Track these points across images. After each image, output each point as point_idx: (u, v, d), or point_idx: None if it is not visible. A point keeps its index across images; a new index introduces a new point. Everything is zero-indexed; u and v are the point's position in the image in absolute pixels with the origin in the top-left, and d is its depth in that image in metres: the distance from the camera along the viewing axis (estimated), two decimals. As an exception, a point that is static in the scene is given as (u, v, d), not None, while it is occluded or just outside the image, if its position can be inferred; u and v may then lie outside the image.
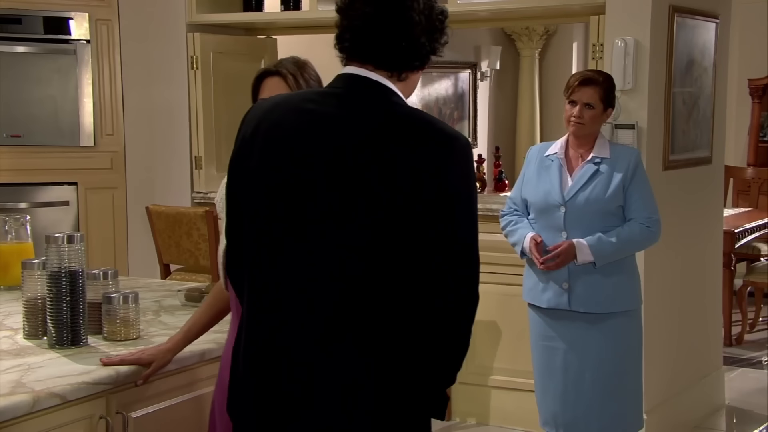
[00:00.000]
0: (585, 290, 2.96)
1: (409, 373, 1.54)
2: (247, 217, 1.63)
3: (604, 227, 2.94)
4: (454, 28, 6.66)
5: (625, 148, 3.15)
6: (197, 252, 4.09)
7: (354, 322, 1.52)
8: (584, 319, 2.97)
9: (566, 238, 2.95)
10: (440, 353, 1.57)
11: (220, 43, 4.69)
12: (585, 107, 2.99)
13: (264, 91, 2.04)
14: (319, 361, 1.52)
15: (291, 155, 1.58)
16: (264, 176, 1.61)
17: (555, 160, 3.05)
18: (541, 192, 3.04)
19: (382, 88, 1.61)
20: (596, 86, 3.00)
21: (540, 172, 3.07)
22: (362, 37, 1.61)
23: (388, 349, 1.52)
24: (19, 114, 4.55)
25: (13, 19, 4.49)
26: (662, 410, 3.86)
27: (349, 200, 1.53)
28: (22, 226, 2.68)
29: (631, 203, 2.97)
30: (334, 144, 1.55)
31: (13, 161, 4.53)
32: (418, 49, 1.63)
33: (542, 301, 3.03)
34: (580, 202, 2.96)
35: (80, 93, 4.61)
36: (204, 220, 4.08)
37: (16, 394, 1.79)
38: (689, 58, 3.95)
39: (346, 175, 1.53)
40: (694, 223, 4.16)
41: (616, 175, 2.96)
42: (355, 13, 1.61)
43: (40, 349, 2.13)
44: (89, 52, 4.60)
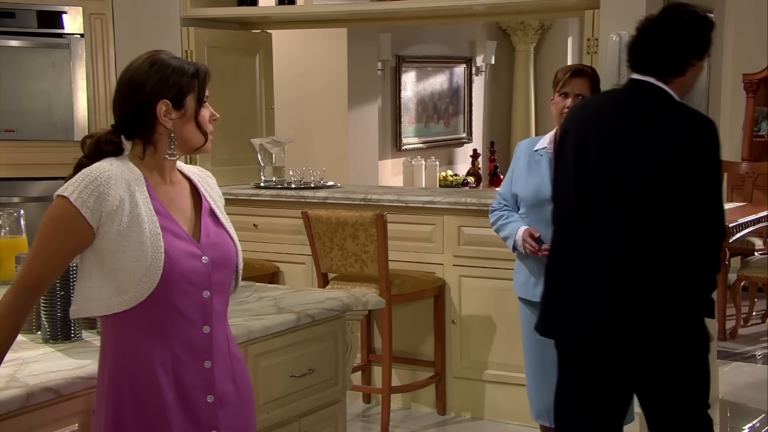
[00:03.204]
0: None
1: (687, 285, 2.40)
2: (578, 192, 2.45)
3: None
4: (450, 23, 6.62)
5: None
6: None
7: (644, 261, 2.38)
8: None
9: None
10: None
11: (214, 38, 4.68)
12: (577, 98, 3.03)
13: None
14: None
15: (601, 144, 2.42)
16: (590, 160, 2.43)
17: (544, 154, 3.07)
18: (531, 187, 3.06)
19: (660, 91, 2.42)
20: (586, 78, 3.06)
21: (530, 168, 3.09)
22: (644, 54, 2.46)
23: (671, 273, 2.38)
24: (13, 108, 4.54)
25: (7, 13, 4.48)
26: (656, 404, 3.87)
27: (644, 177, 2.35)
28: (16, 220, 2.68)
29: None
30: (631, 132, 2.40)
31: (6, 156, 4.52)
32: (685, 62, 2.42)
33: (535, 295, 3.00)
34: None
35: (74, 87, 4.60)
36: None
37: (10, 389, 1.80)
38: (684, 53, 3.95)
39: (643, 155, 2.36)
40: (689, 217, 4.17)
41: None
42: (643, 35, 2.47)
43: (34, 343, 2.14)
44: (83, 47, 4.59)
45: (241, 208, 4.55)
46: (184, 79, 1.82)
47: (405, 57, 6.87)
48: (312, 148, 5.79)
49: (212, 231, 1.90)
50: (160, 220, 1.80)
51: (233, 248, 1.92)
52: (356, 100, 6.01)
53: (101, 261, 1.76)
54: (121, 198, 1.75)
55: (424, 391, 4.23)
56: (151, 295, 1.76)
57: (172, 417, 1.80)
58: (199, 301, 1.83)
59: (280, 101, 5.23)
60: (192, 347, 1.83)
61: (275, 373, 2.38)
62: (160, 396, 1.79)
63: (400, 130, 6.92)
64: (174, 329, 1.80)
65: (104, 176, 1.75)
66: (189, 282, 1.81)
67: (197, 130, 1.86)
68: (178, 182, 1.91)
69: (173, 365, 1.80)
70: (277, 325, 2.37)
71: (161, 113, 1.80)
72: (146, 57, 1.84)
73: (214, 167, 4.70)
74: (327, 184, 4.64)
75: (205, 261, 1.84)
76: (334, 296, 2.65)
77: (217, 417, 1.86)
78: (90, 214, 1.73)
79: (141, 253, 1.75)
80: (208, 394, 1.85)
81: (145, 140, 1.83)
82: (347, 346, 2.64)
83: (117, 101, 1.84)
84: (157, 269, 1.75)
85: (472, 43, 7.58)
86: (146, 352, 1.78)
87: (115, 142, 1.83)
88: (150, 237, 1.76)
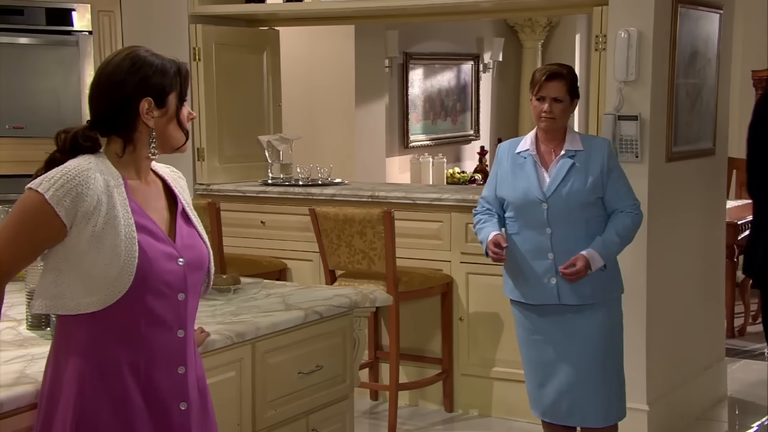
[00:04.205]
0: (572, 283, 2.97)
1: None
2: None
3: (585, 218, 2.99)
4: (457, 20, 6.61)
5: (596, 139, 3.18)
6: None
7: None
8: (572, 310, 3.00)
9: (550, 233, 2.97)
10: None
11: (222, 35, 4.68)
12: (554, 102, 2.98)
13: None
14: None
15: None
16: None
17: (528, 157, 3.04)
18: (519, 190, 3.02)
19: None
20: (562, 80, 3.00)
21: (514, 170, 3.06)
22: None
23: None
24: (22, 105, 4.54)
25: (15, 10, 4.48)
26: (665, 401, 3.87)
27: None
28: (25, 217, 2.69)
29: (614, 194, 3.01)
30: None
31: (14, 152, 4.53)
32: None
33: (530, 297, 3.04)
34: (561, 196, 2.97)
35: (82, 85, 4.60)
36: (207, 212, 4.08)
37: (20, 385, 1.80)
38: (693, 49, 3.94)
39: None
40: (697, 214, 4.15)
41: (593, 167, 2.99)
42: None
43: (43, 340, 2.14)
44: (91, 44, 4.60)
45: (249, 205, 4.55)
46: (166, 78, 1.79)
47: (412, 54, 6.86)
48: (319, 145, 5.79)
49: (186, 232, 1.86)
50: (138, 219, 1.76)
51: (206, 250, 1.88)
52: (363, 97, 6.00)
53: (71, 260, 1.72)
54: (98, 199, 1.71)
55: (432, 389, 4.23)
56: (124, 296, 1.71)
57: (139, 425, 1.74)
58: (175, 304, 1.79)
59: (288, 98, 5.22)
60: (166, 352, 1.78)
61: (283, 369, 2.38)
62: (128, 402, 1.73)
63: (408, 127, 6.91)
64: (148, 332, 1.75)
65: (83, 176, 1.70)
66: (166, 284, 1.77)
67: (178, 128, 1.83)
68: (152, 182, 1.87)
69: (146, 370, 1.75)
70: (284, 321, 2.37)
71: (143, 111, 1.76)
72: (126, 53, 1.79)
73: (221, 164, 4.71)
74: (334, 181, 4.64)
75: (181, 263, 1.80)
76: (341, 293, 2.65)
77: (190, 425, 1.81)
78: (65, 213, 1.68)
79: (114, 256, 1.70)
80: (181, 401, 1.79)
81: (125, 138, 1.78)
82: (355, 343, 2.64)
83: (95, 98, 1.78)
84: (129, 274, 1.71)
85: (479, 40, 7.56)
86: (116, 355, 1.72)
87: (92, 137, 1.78)
88: (125, 240, 1.71)
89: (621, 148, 3.67)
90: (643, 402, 3.72)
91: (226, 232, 4.29)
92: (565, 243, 2.98)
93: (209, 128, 4.64)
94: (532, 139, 3.06)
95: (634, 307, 3.67)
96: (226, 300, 2.54)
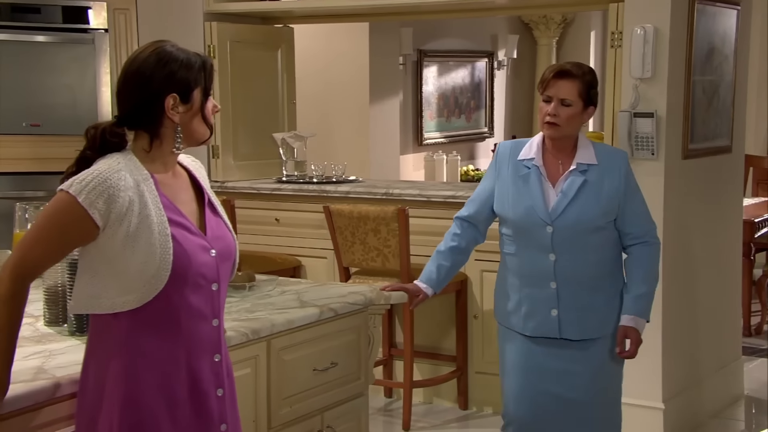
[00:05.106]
0: (577, 315, 2.62)
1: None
2: None
3: (595, 244, 2.61)
4: (471, 17, 6.57)
5: (613, 151, 2.74)
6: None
7: None
8: (575, 346, 2.64)
9: (554, 259, 2.58)
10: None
11: (237, 32, 4.69)
12: (560, 104, 2.56)
13: None
14: None
15: None
16: None
17: (532, 168, 2.61)
18: (521, 208, 2.61)
19: None
20: (574, 79, 2.56)
21: (516, 183, 2.63)
22: None
23: None
24: (38, 103, 4.58)
25: (32, 9, 4.51)
26: (681, 400, 3.85)
27: None
28: (42, 214, 2.70)
29: (630, 218, 2.63)
30: None
31: (31, 150, 4.56)
32: None
33: (527, 328, 2.65)
34: (569, 219, 2.57)
35: (98, 82, 4.63)
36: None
37: (38, 380, 1.81)
38: (710, 46, 3.91)
39: None
40: (714, 212, 4.13)
41: (608, 186, 2.59)
42: None
43: (60, 336, 2.16)
44: (107, 42, 4.62)
45: (263, 202, 4.56)
46: (191, 73, 1.80)
47: (426, 51, 6.85)
48: (333, 143, 5.80)
49: (214, 223, 1.90)
50: (170, 215, 1.78)
51: (233, 240, 1.92)
52: (378, 95, 6.00)
53: (106, 261, 1.74)
54: (130, 199, 1.73)
55: (446, 386, 4.22)
56: (162, 291, 1.74)
57: (183, 415, 1.78)
58: (209, 295, 1.83)
59: (302, 96, 5.23)
60: (203, 341, 1.82)
61: (298, 366, 2.38)
62: (172, 393, 1.77)
63: (422, 124, 6.91)
64: (187, 324, 1.79)
65: (114, 178, 1.72)
66: (201, 276, 1.81)
67: (203, 123, 1.84)
68: (179, 174, 1.89)
69: (186, 360, 1.79)
70: (300, 318, 2.38)
71: (169, 107, 1.77)
72: (152, 49, 1.80)
73: (236, 161, 4.72)
74: (349, 178, 4.64)
75: (213, 254, 1.84)
76: (356, 290, 2.65)
77: (226, 410, 1.86)
78: (98, 215, 1.70)
79: (150, 254, 1.72)
80: (218, 387, 1.85)
81: (152, 133, 1.80)
82: (369, 341, 2.64)
83: (121, 93, 1.80)
84: (165, 270, 1.73)
85: (493, 37, 7.54)
86: (157, 349, 1.76)
87: (120, 133, 1.80)
88: (159, 237, 1.74)
89: (637, 146, 3.65)
90: (658, 400, 3.71)
91: (241, 229, 4.30)
92: (570, 271, 2.60)
93: (224, 126, 4.65)
94: (539, 146, 2.64)
95: (649, 305, 3.65)
96: (242, 297, 2.54)
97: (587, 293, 2.63)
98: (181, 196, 1.85)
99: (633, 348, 2.62)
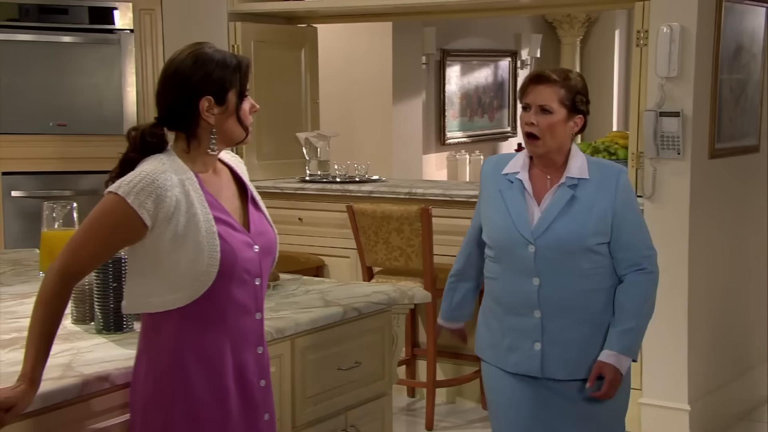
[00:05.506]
0: (562, 350, 2.30)
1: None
2: None
3: (584, 269, 2.29)
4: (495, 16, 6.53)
5: (608, 165, 2.41)
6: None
7: None
8: (562, 386, 2.32)
9: (538, 284, 2.28)
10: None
11: (260, 32, 4.71)
12: (540, 111, 2.29)
13: None
14: None
15: None
16: None
17: (515, 181, 2.35)
18: (501, 226, 2.33)
19: None
20: (553, 84, 2.29)
21: (496, 199, 2.36)
22: None
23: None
24: (65, 103, 4.63)
25: (60, 10, 4.56)
26: (707, 401, 3.81)
27: None
28: (69, 213, 2.73)
29: (625, 241, 2.31)
30: None
31: (58, 149, 4.61)
32: None
33: (507, 363, 2.35)
34: (553, 238, 2.27)
35: (124, 82, 4.67)
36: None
37: (67, 378, 1.83)
38: (737, 44, 3.87)
39: None
40: (740, 212, 4.08)
41: (600, 203, 2.29)
42: None
43: (88, 334, 2.18)
44: (133, 42, 4.66)
45: (287, 201, 4.57)
46: (227, 73, 1.82)
47: (449, 51, 6.84)
48: (356, 142, 5.80)
49: (257, 219, 1.94)
50: (215, 213, 1.82)
51: (274, 235, 1.97)
52: (401, 94, 6.00)
53: (155, 260, 1.79)
54: (177, 200, 1.77)
55: (469, 386, 4.21)
56: (210, 288, 1.79)
57: (233, 406, 1.84)
58: (253, 289, 1.88)
59: (325, 95, 5.24)
60: (248, 335, 1.88)
61: (322, 366, 2.39)
62: (223, 385, 1.83)
63: (445, 124, 6.89)
64: (233, 319, 1.84)
65: (161, 179, 1.76)
66: (246, 272, 1.85)
67: (238, 124, 1.86)
68: (220, 170, 1.93)
69: (233, 353, 1.84)
70: (324, 318, 2.38)
71: (203, 109, 1.81)
72: (189, 51, 1.83)
73: (259, 161, 4.74)
74: (372, 178, 4.65)
75: (256, 250, 1.88)
76: (380, 290, 2.65)
77: (268, 401, 1.93)
78: (147, 215, 1.75)
79: (198, 252, 1.77)
80: (261, 378, 1.90)
81: (189, 134, 1.84)
82: (393, 340, 2.64)
83: (160, 94, 1.84)
84: (213, 267, 1.78)
85: (517, 36, 7.51)
86: (207, 343, 1.81)
87: (159, 134, 1.84)
88: (206, 236, 1.78)
89: (662, 145, 3.62)
90: (684, 401, 3.68)
91: (265, 228, 4.31)
92: (557, 298, 2.28)
93: (248, 125, 4.67)
94: (525, 159, 2.37)
95: (675, 307, 3.62)
96: (266, 296, 2.55)
97: (576, 326, 2.30)
98: (224, 193, 1.89)
99: (606, 388, 2.26)
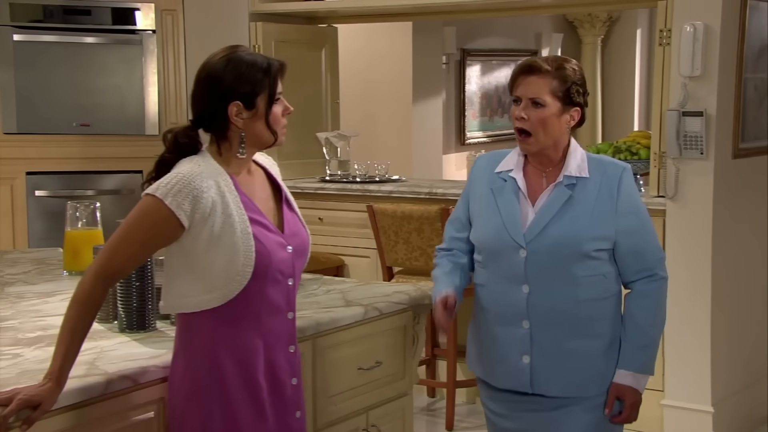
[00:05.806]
0: (552, 364, 2.13)
1: None
2: None
3: (579, 276, 2.10)
4: (515, 15, 6.51)
5: (610, 163, 2.19)
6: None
7: None
8: (554, 404, 2.16)
9: (527, 292, 2.11)
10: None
11: (281, 32, 4.72)
12: (531, 105, 2.11)
13: None
14: None
15: None
16: None
17: (509, 180, 2.18)
18: (491, 228, 2.15)
19: None
20: (545, 75, 2.10)
21: (487, 199, 2.19)
22: None
23: None
24: (88, 103, 4.67)
25: (83, 11, 4.61)
26: (731, 403, 3.78)
27: None
28: (93, 212, 2.75)
29: (629, 246, 2.13)
30: None
31: (81, 149, 4.65)
32: None
33: (494, 378, 2.22)
34: (547, 242, 2.10)
35: (146, 82, 4.71)
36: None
37: (91, 376, 1.84)
38: (762, 43, 3.83)
39: None
40: (764, 212, 4.04)
41: (600, 204, 2.12)
42: None
43: (111, 332, 2.19)
44: (155, 42, 4.70)
45: (307, 201, 4.58)
46: (257, 75, 1.84)
47: (470, 50, 6.82)
48: (377, 142, 5.81)
49: (290, 219, 1.96)
50: (250, 214, 1.84)
51: (307, 236, 1.99)
52: (421, 94, 6.00)
53: (191, 261, 1.81)
54: (213, 201, 1.79)
55: (489, 387, 4.20)
56: (245, 288, 1.81)
57: (266, 404, 1.86)
58: (286, 289, 1.91)
59: (345, 95, 5.25)
60: (281, 334, 1.90)
61: (343, 365, 2.39)
62: (256, 384, 1.85)
63: (464, 123, 6.88)
64: (266, 318, 1.86)
65: (197, 180, 1.78)
66: (280, 272, 1.88)
67: (267, 129, 1.88)
68: (255, 171, 1.96)
69: (265, 352, 1.87)
70: (345, 317, 2.38)
71: (232, 114, 1.83)
72: (223, 54, 1.86)
73: (280, 161, 4.70)
74: (392, 177, 4.65)
75: (289, 250, 1.91)
76: (401, 290, 2.65)
77: (299, 399, 1.95)
78: (184, 216, 1.77)
79: (233, 253, 1.79)
80: (293, 377, 1.93)
81: (219, 136, 1.87)
82: (414, 340, 2.64)
83: (194, 96, 1.88)
84: (248, 268, 1.80)
85: (537, 36, 7.48)
86: (240, 342, 1.83)
87: (191, 135, 1.87)
88: (241, 237, 1.81)
89: (685, 145, 3.59)
90: (708, 403, 3.64)
91: (285, 228, 4.33)
92: (547, 308, 2.11)
93: (268, 125, 4.69)
94: (519, 156, 2.21)
95: (698, 307, 3.59)
96: (287, 295, 2.56)
97: (568, 338, 2.12)
98: (258, 194, 1.92)
99: (628, 412, 2.12)
